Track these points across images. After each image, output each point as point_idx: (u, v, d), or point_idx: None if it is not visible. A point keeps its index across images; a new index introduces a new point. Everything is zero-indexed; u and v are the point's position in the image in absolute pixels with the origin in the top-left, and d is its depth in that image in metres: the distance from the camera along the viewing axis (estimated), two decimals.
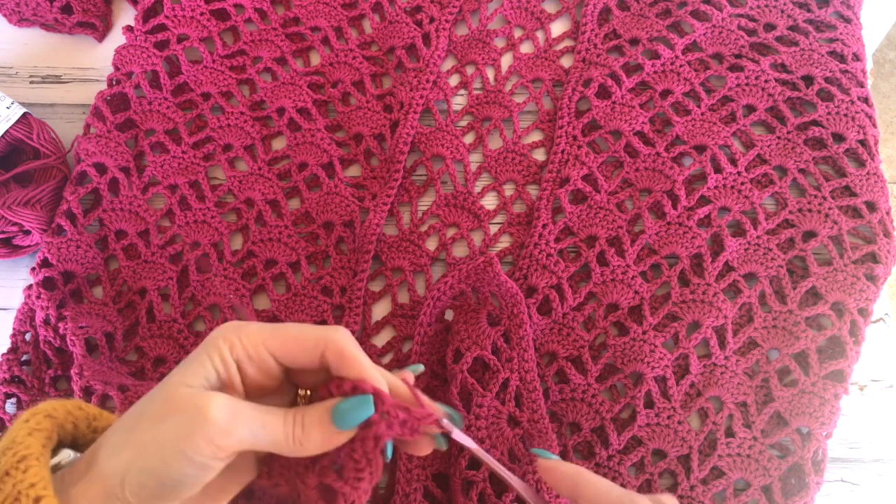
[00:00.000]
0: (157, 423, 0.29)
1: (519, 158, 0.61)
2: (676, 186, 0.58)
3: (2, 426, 0.54)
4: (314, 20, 0.66)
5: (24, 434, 0.28)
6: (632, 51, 0.64)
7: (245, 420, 0.30)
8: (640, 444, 0.52)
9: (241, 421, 0.29)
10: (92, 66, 0.67)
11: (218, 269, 0.57)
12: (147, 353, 0.55)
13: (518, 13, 0.67)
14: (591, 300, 0.56)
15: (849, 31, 0.63)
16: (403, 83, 0.63)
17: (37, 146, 0.59)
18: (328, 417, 0.31)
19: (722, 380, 0.53)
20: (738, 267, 0.56)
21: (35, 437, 0.29)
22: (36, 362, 0.55)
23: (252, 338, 0.31)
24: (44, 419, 0.30)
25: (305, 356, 0.32)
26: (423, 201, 0.61)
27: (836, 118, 0.60)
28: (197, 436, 0.28)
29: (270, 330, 0.32)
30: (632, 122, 0.61)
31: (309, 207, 0.59)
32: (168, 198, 0.60)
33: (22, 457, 0.27)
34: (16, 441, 0.28)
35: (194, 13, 0.65)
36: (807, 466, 0.50)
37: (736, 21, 0.64)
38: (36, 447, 0.28)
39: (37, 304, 0.54)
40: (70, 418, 0.31)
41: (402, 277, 0.58)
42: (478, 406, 0.50)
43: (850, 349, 0.53)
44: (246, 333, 0.31)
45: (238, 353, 0.31)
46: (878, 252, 0.55)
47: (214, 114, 0.63)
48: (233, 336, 0.31)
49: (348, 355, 0.32)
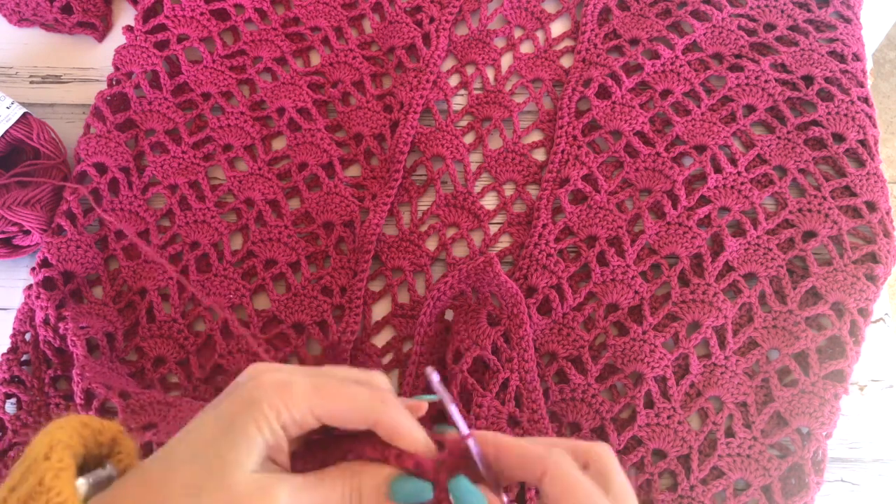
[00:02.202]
0: None
1: (519, 158, 0.61)
2: (676, 186, 0.58)
3: (1, 426, 0.54)
4: (314, 20, 0.66)
5: (52, 476, 0.27)
6: (632, 51, 0.64)
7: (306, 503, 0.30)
8: (640, 444, 0.52)
9: None
10: (92, 66, 0.67)
11: (218, 269, 0.57)
12: (147, 353, 0.55)
13: (518, 13, 0.67)
14: (591, 300, 0.56)
15: (849, 31, 0.63)
16: (403, 83, 0.63)
17: (37, 146, 0.59)
18: (385, 492, 0.31)
19: (722, 380, 0.53)
20: (738, 267, 0.56)
21: (63, 479, 0.28)
22: (36, 362, 0.55)
23: (300, 405, 0.31)
24: (64, 452, 0.29)
25: (353, 425, 0.32)
26: (423, 201, 0.61)
27: (836, 118, 0.60)
28: None
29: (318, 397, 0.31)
30: (632, 122, 0.61)
31: (309, 207, 0.59)
32: (168, 198, 0.60)
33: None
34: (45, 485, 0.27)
35: (194, 13, 0.65)
36: (807, 466, 0.50)
37: (736, 21, 0.64)
38: (68, 492, 0.27)
39: (37, 304, 0.54)
40: (82, 443, 0.30)
41: (402, 277, 0.58)
42: (478, 406, 0.50)
43: (850, 349, 0.53)
44: (293, 399, 0.31)
45: (284, 420, 0.31)
46: (878, 252, 0.55)
47: (214, 114, 0.63)
48: (279, 403, 0.31)
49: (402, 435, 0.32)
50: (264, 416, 0.30)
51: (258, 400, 0.31)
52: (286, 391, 0.31)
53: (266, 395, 0.31)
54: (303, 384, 0.31)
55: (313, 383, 0.32)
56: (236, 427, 0.30)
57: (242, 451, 0.30)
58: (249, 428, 0.30)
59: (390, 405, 0.32)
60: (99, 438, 0.31)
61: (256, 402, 0.31)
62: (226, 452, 0.30)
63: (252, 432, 0.30)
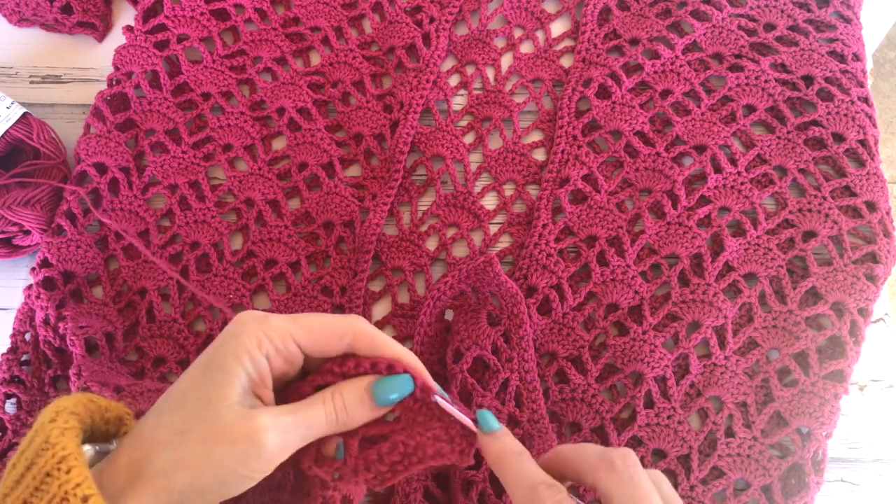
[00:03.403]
0: (210, 445, 0.30)
1: (519, 158, 0.61)
2: (676, 186, 0.58)
3: (1, 426, 0.54)
4: (314, 20, 0.66)
5: (58, 434, 0.28)
6: (632, 51, 0.64)
7: (293, 430, 0.31)
8: (640, 444, 0.52)
9: (290, 434, 0.31)
10: (92, 66, 0.67)
11: (218, 269, 0.57)
12: (147, 353, 0.55)
13: (518, 13, 0.67)
14: (591, 300, 0.56)
15: (849, 31, 0.63)
16: (403, 83, 0.63)
17: (37, 146, 0.59)
18: (368, 396, 0.33)
19: (722, 380, 0.53)
20: (738, 267, 0.56)
21: (68, 437, 0.29)
22: (36, 362, 0.55)
23: (279, 331, 0.32)
24: (70, 417, 0.30)
25: (332, 346, 0.33)
26: (423, 201, 0.61)
27: (836, 118, 0.60)
28: (254, 461, 0.30)
29: (295, 322, 0.33)
30: (632, 122, 0.61)
31: (309, 207, 0.59)
32: (168, 198, 0.60)
33: (62, 457, 0.28)
34: (50, 441, 0.28)
35: (194, 13, 0.65)
36: (807, 466, 0.50)
37: (736, 21, 0.64)
38: (72, 447, 0.28)
39: (37, 304, 0.54)
40: (88, 413, 0.31)
41: (402, 277, 0.58)
42: (478, 406, 0.50)
43: (850, 349, 0.53)
44: (272, 327, 0.32)
45: (266, 348, 0.32)
46: (878, 252, 0.55)
47: (214, 114, 0.63)
48: (259, 331, 0.32)
49: (380, 343, 0.34)
50: (244, 347, 0.31)
51: (238, 332, 0.32)
52: (264, 321, 0.32)
53: (245, 327, 0.32)
54: (280, 316, 0.33)
55: (290, 315, 0.33)
56: (216, 363, 0.31)
57: (223, 385, 0.31)
58: (228, 361, 0.31)
59: (361, 320, 0.34)
60: (106, 415, 0.33)
61: (236, 334, 0.32)
62: (208, 391, 0.31)
63: (231, 364, 0.31)
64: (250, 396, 0.32)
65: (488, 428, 0.34)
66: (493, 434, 0.34)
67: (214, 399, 0.30)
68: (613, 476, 0.31)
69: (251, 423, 0.30)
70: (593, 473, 0.32)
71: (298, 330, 0.33)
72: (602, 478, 0.31)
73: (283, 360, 0.33)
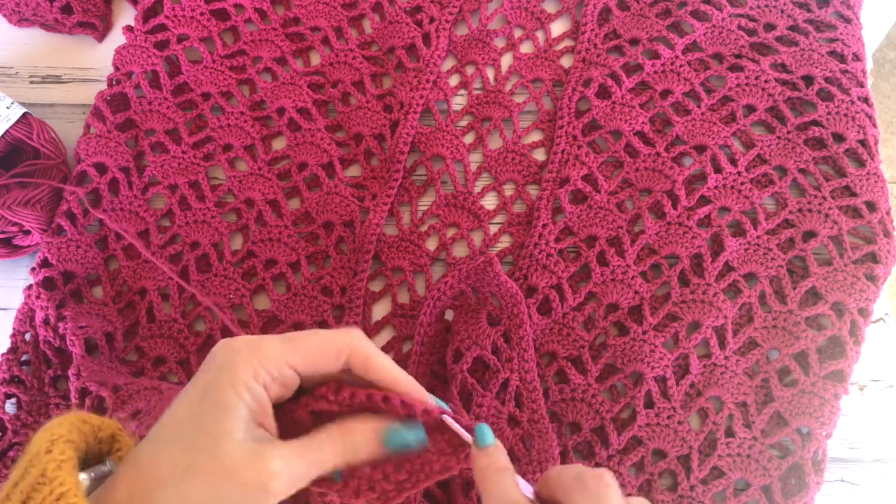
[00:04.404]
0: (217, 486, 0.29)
1: (519, 158, 0.61)
2: (676, 186, 0.58)
3: (1, 426, 0.54)
4: (314, 20, 0.66)
5: (54, 468, 0.28)
6: (632, 51, 0.64)
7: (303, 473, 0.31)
8: (640, 444, 0.52)
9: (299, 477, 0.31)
10: (92, 66, 0.67)
11: (218, 269, 0.57)
12: (147, 353, 0.55)
13: (518, 13, 0.67)
14: (591, 300, 0.56)
15: (849, 31, 0.63)
16: (403, 83, 0.63)
17: (37, 146, 0.59)
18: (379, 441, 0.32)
19: (722, 380, 0.53)
20: (738, 267, 0.56)
21: (66, 470, 0.28)
22: (36, 362, 0.55)
23: (274, 360, 0.31)
24: (66, 447, 0.29)
25: (329, 366, 0.33)
26: (423, 201, 0.61)
27: (836, 118, 0.60)
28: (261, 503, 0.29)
29: (288, 344, 0.32)
30: (632, 122, 0.61)
31: (309, 207, 0.59)
32: (168, 198, 0.60)
33: (60, 494, 0.27)
34: (48, 476, 0.27)
35: (194, 13, 0.65)
36: (807, 466, 0.50)
37: (736, 21, 0.64)
38: (71, 482, 0.28)
39: (37, 304, 0.54)
40: (82, 438, 0.31)
41: (402, 277, 0.58)
42: (478, 406, 0.50)
43: (850, 349, 0.53)
44: (266, 356, 0.31)
45: (263, 378, 0.31)
46: (878, 252, 0.55)
47: (214, 114, 0.63)
48: (253, 361, 0.31)
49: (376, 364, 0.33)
50: (241, 379, 0.30)
51: (231, 363, 0.31)
52: (257, 348, 0.31)
53: (238, 357, 0.31)
54: (272, 339, 0.32)
55: (282, 337, 0.32)
56: (213, 396, 0.30)
57: (225, 422, 0.30)
58: (227, 394, 0.30)
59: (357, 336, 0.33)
60: (99, 435, 0.32)
61: (230, 365, 0.31)
62: (210, 426, 0.30)
63: (230, 398, 0.30)
64: (254, 427, 0.31)
65: (483, 443, 0.34)
66: (484, 449, 0.34)
67: (216, 435, 0.30)
68: (585, 497, 0.31)
69: (261, 466, 0.29)
70: (568, 494, 0.32)
71: (293, 354, 0.32)
72: (575, 499, 0.32)
73: (280, 385, 0.32)
